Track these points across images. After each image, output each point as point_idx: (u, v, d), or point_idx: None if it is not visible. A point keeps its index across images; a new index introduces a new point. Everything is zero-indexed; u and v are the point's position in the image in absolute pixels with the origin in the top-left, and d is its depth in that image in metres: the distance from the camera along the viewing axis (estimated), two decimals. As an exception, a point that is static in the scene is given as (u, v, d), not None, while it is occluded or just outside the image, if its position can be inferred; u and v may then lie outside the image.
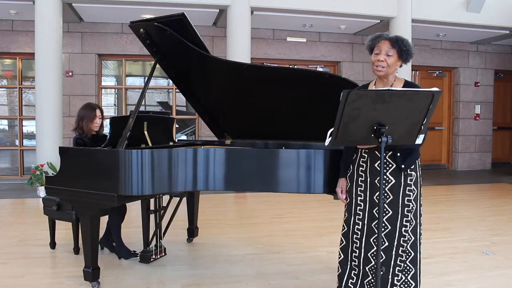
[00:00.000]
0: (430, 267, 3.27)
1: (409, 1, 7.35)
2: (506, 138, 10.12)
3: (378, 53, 2.13)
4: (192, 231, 3.91)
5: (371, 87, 2.27)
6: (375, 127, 1.86)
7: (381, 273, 2.13)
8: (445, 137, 9.66)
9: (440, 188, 7.23)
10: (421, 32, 8.27)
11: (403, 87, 2.17)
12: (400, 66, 2.18)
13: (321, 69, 8.38)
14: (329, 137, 2.00)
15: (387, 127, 1.85)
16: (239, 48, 6.70)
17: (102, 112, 3.50)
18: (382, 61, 2.11)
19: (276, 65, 7.81)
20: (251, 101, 3.18)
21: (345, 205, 2.33)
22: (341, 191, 2.33)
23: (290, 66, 8.25)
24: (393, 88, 1.84)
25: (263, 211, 5.27)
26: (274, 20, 7.66)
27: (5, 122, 8.07)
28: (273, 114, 3.14)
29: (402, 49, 2.11)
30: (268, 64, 7.62)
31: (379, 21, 7.63)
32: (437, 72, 9.48)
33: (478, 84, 9.54)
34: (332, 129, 1.88)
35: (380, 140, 1.85)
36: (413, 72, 8.89)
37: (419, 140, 1.98)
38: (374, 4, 7.26)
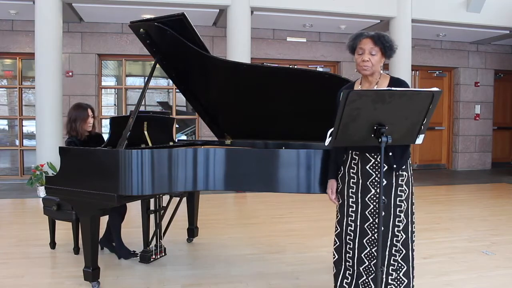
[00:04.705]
0: (430, 267, 3.28)
1: (409, 1, 7.35)
2: (506, 138, 10.11)
3: (361, 53, 2.11)
4: (192, 231, 3.91)
5: (357, 86, 2.24)
6: (375, 127, 1.86)
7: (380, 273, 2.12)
8: (445, 137, 9.66)
9: (440, 188, 7.23)
10: (421, 32, 8.26)
11: (389, 83, 2.15)
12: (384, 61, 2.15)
13: (321, 69, 8.38)
14: (329, 137, 1.99)
15: (387, 127, 1.85)
16: (239, 48, 6.70)
17: (93, 111, 3.48)
18: (367, 60, 2.09)
19: (276, 65, 7.81)
20: (251, 101, 3.18)
21: (337, 206, 2.32)
22: (331, 192, 2.32)
23: (290, 66, 8.25)
24: (393, 88, 1.83)
25: (263, 211, 5.27)
26: (274, 20, 7.66)
27: (5, 122, 8.07)
28: (273, 114, 3.14)
29: (385, 46, 2.08)
30: (268, 64, 7.62)
31: (379, 21, 7.63)
32: (437, 72, 9.48)
33: (478, 84, 9.53)
34: (332, 129, 1.88)
35: (380, 140, 1.85)
36: (413, 72, 8.88)
37: (419, 140, 1.98)
38: (374, 4, 7.26)
